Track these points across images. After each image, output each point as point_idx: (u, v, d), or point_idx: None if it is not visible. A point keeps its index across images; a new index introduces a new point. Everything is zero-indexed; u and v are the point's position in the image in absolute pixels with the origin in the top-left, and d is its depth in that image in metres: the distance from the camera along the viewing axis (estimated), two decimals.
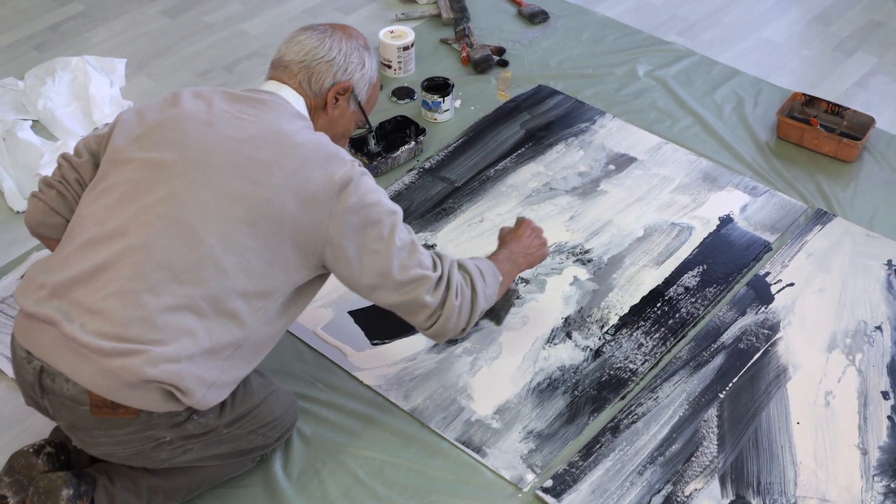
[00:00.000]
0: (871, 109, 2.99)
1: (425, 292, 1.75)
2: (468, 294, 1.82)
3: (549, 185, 2.69)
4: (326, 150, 1.72)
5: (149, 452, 1.70)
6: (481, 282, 1.86)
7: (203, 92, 1.79)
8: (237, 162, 1.66)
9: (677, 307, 2.35)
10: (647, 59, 3.19)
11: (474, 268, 1.86)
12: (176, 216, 1.62)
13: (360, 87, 1.88)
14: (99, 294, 1.59)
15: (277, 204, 1.64)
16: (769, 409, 2.12)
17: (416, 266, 1.74)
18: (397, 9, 3.46)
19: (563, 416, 2.11)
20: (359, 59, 1.86)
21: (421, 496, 1.96)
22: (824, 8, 3.52)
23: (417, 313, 1.79)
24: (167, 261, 1.60)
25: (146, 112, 1.77)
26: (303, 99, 1.82)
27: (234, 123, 1.71)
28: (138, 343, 1.57)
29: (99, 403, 1.61)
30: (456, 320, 1.81)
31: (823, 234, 2.54)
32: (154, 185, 1.65)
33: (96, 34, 3.31)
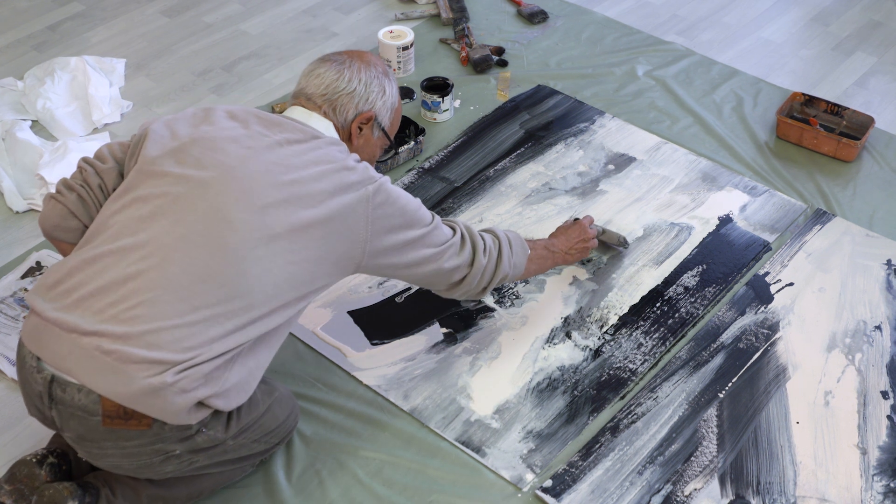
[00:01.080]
0: (871, 109, 2.99)
1: (451, 257, 1.88)
2: (495, 256, 1.96)
3: (549, 185, 2.69)
4: (357, 173, 1.75)
5: (157, 466, 1.69)
6: (508, 249, 1.99)
7: (237, 113, 1.80)
8: (277, 186, 1.67)
9: (677, 307, 2.35)
10: (646, 59, 3.19)
11: (504, 235, 2.01)
12: (215, 234, 1.63)
13: (382, 115, 1.91)
14: (129, 303, 1.59)
15: (317, 223, 1.68)
16: (769, 408, 2.12)
17: (440, 243, 1.87)
18: (397, 9, 3.46)
19: (563, 416, 2.11)
20: (379, 87, 1.88)
21: (420, 496, 1.96)
22: (824, 8, 3.52)
23: (445, 278, 1.92)
24: (204, 276, 1.60)
25: (177, 126, 1.77)
26: (332, 125, 1.84)
27: (274, 148, 1.72)
28: (165, 351, 1.57)
29: (111, 414, 1.59)
30: (480, 278, 1.95)
31: (823, 233, 2.54)
32: (193, 202, 1.65)
33: (95, 34, 3.31)
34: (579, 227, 2.28)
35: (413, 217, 1.83)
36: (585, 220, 2.32)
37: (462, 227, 1.94)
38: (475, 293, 1.99)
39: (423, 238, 1.84)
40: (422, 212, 1.86)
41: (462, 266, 1.91)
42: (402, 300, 2.35)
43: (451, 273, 1.91)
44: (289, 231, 1.67)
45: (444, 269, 1.89)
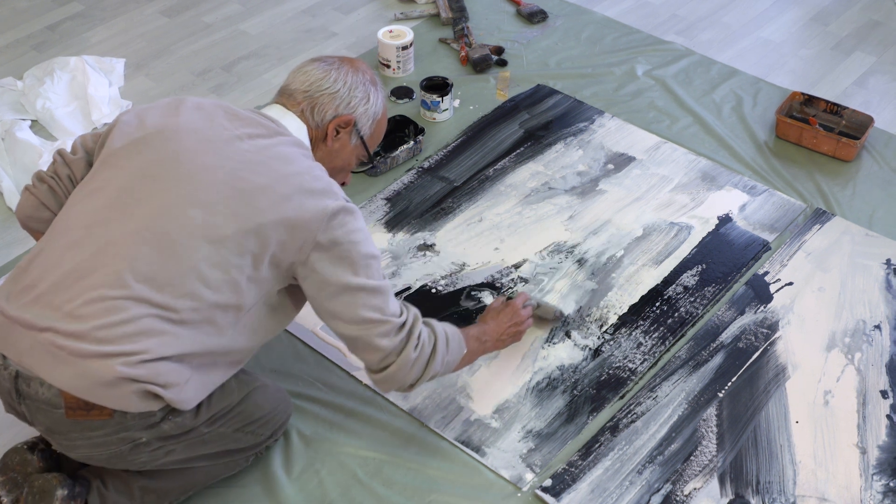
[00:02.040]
0: (870, 109, 2.99)
1: (380, 335, 1.72)
2: (427, 352, 1.79)
3: (548, 185, 2.69)
4: (322, 182, 1.71)
5: (126, 454, 1.71)
6: (444, 346, 1.83)
7: (206, 105, 1.78)
8: (230, 182, 1.65)
9: (676, 306, 2.35)
10: (646, 59, 3.19)
11: (442, 332, 1.84)
12: (163, 229, 1.62)
13: (362, 122, 1.86)
14: (80, 299, 1.60)
15: (266, 227, 1.64)
16: (768, 408, 2.12)
17: (379, 310, 1.72)
18: (396, 8, 3.46)
19: (563, 416, 2.11)
20: (363, 93, 1.85)
21: (420, 496, 1.96)
22: (823, 7, 3.52)
23: (370, 353, 1.75)
24: (150, 272, 1.60)
25: (147, 116, 1.76)
26: (305, 127, 1.81)
27: (233, 143, 1.70)
28: (116, 345, 1.58)
29: (73, 405, 1.62)
30: (407, 372, 1.77)
31: (822, 233, 2.54)
32: (145, 196, 1.64)
33: (95, 34, 3.31)
34: (511, 310, 2.11)
35: (362, 263, 1.71)
36: (518, 300, 2.14)
37: (410, 315, 1.78)
38: (403, 386, 1.80)
39: (360, 291, 1.71)
40: (374, 266, 1.74)
41: (390, 352, 1.74)
42: (402, 299, 2.35)
43: (377, 352, 1.74)
44: (236, 232, 1.63)
45: (372, 344, 1.73)
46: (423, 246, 2.50)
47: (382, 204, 2.63)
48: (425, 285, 2.39)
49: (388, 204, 2.63)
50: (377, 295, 1.72)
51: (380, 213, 2.60)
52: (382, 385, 1.80)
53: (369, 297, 1.71)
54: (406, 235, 2.53)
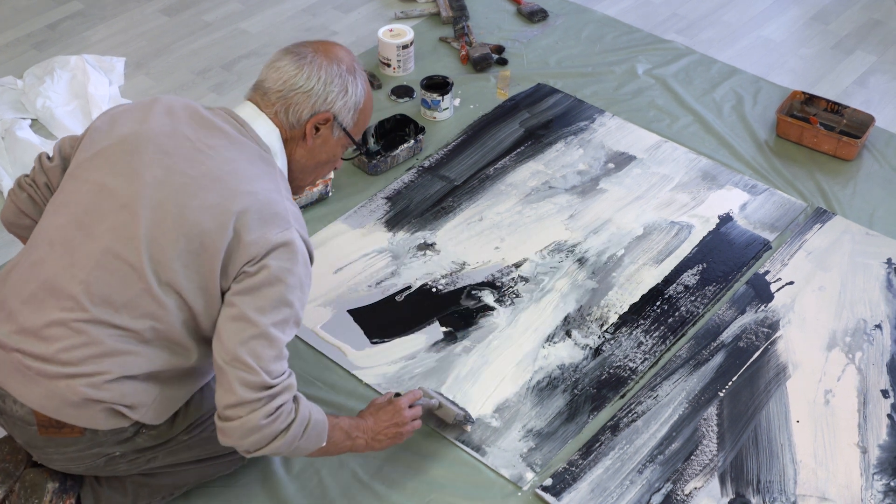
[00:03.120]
0: (871, 108, 2.99)
1: (242, 382, 1.57)
2: (277, 428, 1.61)
3: (549, 184, 2.69)
4: (274, 208, 1.62)
5: (104, 467, 1.72)
6: (299, 430, 1.65)
7: (176, 109, 1.71)
8: (180, 200, 1.60)
9: (677, 306, 2.34)
10: (646, 58, 3.19)
11: (305, 416, 1.66)
12: (116, 252, 1.59)
13: (343, 115, 1.77)
14: (42, 320, 1.60)
15: (212, 247, 1.59)
16: (769, 407, 2.12)
17: (257, 358, 1.58)
18: (396, 7, 3.46)
19: (563, 415, 2.10)
20: (340, 86, 1.74)
21: (420, 495, 1.96)
22: (823, 6, 3.52)
23: (225, 393, 1.59)
24: (106, 295, 1.59)
25: (118, 121, 1.71)
26: (277, 131, 1.73)
27: (192, 156, 1.64)
28: (80, 366, 1.58)
29: (45, 423, 1.63)
30: (245, 436, 1.59)
31: (823, 232, 2.54)
32: (102, 216, 1.61)
33: (95, 33, 3.31)
34: (393, 408, 1.90)
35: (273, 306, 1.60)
36: (404, 400, 1.92)
37: (283, 384, 1.61)
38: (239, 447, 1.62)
39: (253, 328, 1.58)
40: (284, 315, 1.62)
41: (239, 405, 1.57)
42: (402, 299, 2.35)
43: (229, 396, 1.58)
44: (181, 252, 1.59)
45: (230, 386, 1.58)
46: (423, 245, 2.50)
47: (383, 203, 2.62)
48: (425, 284, 2.39)
49: (389, 203, 2.62)
50: (267, 343, 1.59)
51: (380, 212, 2.60)
52: (221, 435, 1.62)
53: (257, 341, 1.58)
54: (406, 234, 2.53)
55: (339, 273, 2.42)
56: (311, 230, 2.53)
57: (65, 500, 1.76)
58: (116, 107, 1.77)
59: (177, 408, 1.72)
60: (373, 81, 3.05)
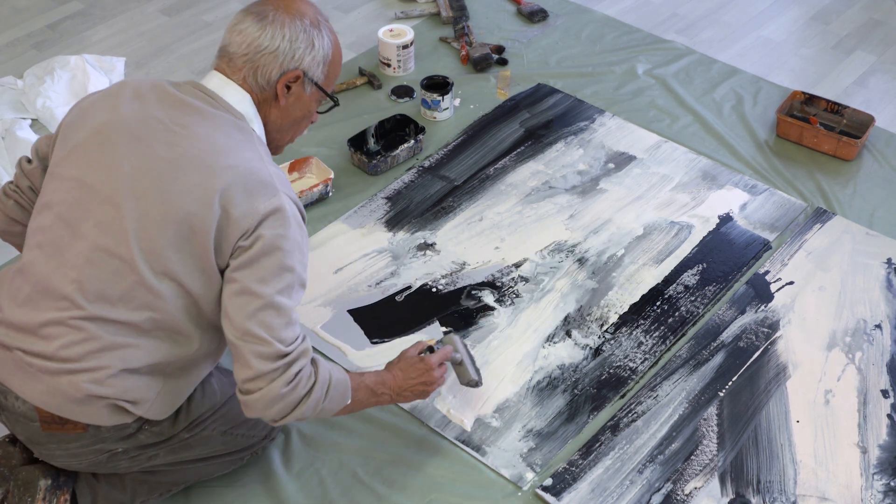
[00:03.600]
0: (871, 108, 2.99)
1: (257, 355, 1.58)
2: (300, 394, 1.62)
3: (549, 184, 2.69)
4: (258, 177, 1.61)
5: (105, 463, 1.72)
6: (321, 393, 1.66)
7: (144, 91, 1.68)
8: (162, 187, 1.59)
9: (677, 306, 2.35)
10: (646, 58, 3.19)
11: (326, 377, 1.67)
12: (105, 245, 1.58)
13: (312, 70, 1.72)
14: (39, 320, 1.60)
15: (202, 228, 1.57)
16: (769, 407, 2.12)
17: (268, 328, 1.58)
18: (396, 7, 3.46)
19: (563, 415, 2.10)
20: (306, 41, 1.69)
21: (420, 495, 1.96)
22: (823, 6, 3.52)
23: (241, 368, 1.60)
24: (100, 291, 1.59)
25: (88, 112, 1.69)
26: (249, 96, 1.70)
27: (165, 138, 1.61)
28: (82, 362, 1.58)
29: (48, 419, 1.63)
30: (269, 406, 1.61)
31: (823, 232, 2.54)
32: (85, 212, 1.61)
33: (95, 33, 3.31)
34: (424, 366, 1.90)
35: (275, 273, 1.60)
36: (436, 358, 1.93)
37: (299, 349, 1.62)
38: (264, 417, 1.64)
39: (258, 300, 1.58)
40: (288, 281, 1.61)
41: (259, 377, 1.58)
42: (402, 299, 2.35)
43: (247, 370, 1.59)
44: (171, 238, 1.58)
45: (246, 361, 1.58)
46: (423, 245, 2.50)
47: (383, 203, 2.62)
48: (426, 284, 2.39)
49: (389, 203, 2.62)
50: (275, 313, 1.59)
51: (380, 212, 2.60)
52: (245, 408, 1.63)
53: (264, 312, 1.58)
54: (406, 234, 2.53)
55: (339, 273, 2.42)
56: (311, 230, 2.53)
57: (59, 496, 1.76)
58: (85, 98, 1.74)
59: (180, 403, 1.72)
60: (373, 81, 3.05)
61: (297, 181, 2.67)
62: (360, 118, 2.92)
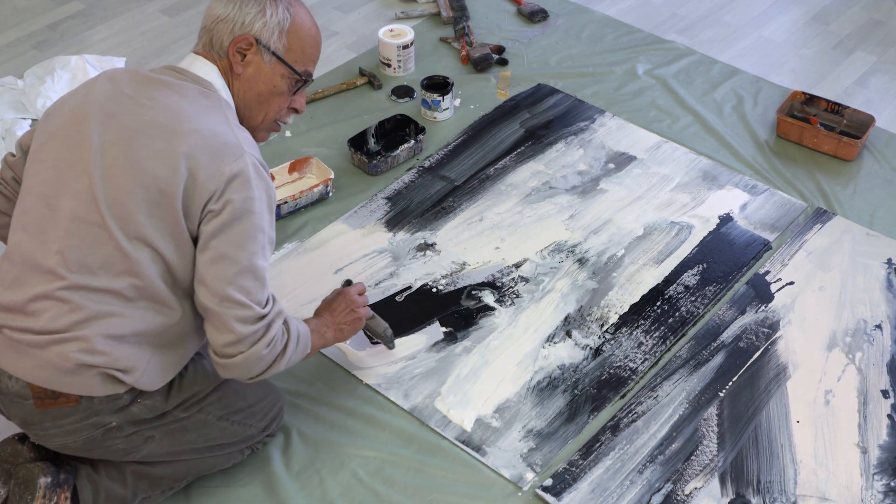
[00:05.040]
0: (871, 108, 2.99)
1: (239, 319, 1.63)
2: (277, 351, 1.70)
3: (549, 184, 2.69)
4: (222, 139, 1.64)
5: (100, 440, 1.72)
6: (294, 348, 1.74)
7: (118, 75, 1.74)
8: (130, 153, 1.63)
9: (677, 306, 2.35)
10: (646, 58, 3.19)
11: (295, 333, 1.75)
12: (82, 215, 1.62)
13: (266, 37, 1.73)
14: (25, 296, 1.62)
15: (170, 192, 1.60)
16: (769, 407, 2.12)
17: (246, 292, 1.63)
18: (397, 8, 3.46)
19: (563, 415, 2.10)
20: (257, 8, 1.72)
21: (421, 495, 1.96)
22: (824, 7, 3.52)
23: (221, 334, 1.64)
24: (81, 259, 1.61)
25: (65, 101, 1.74)
26: (215, 67, 1.74)
27: (134, 110, 1.66)
28: (69, 332, 1.61)
29: (41, 395, 1.65)
30: (252, 367, 1.67)
31: (823, 232, 2.54)
32: (63, 187, 1.64)
33: (96, 33, 3.31)
34: (343, 297, 2.01)
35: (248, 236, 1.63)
36: (355, 288, 2.05)
37: (274, 310, 1.69)
38: (243, 378, 1.71)
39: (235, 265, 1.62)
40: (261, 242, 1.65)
41: (241, 341, 1.63)
42: (403, 299, 2.35)
43: (228, 334, 1.63)
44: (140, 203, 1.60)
45: (228, 326, 1.63)
46: (423, 245, 2.50)
47: (383, 203, 2.63)
48: (426, 284, 2.39)
49: (389, 203, 2.63)
50: (251, 276, 1.64)
51: (380, 212, 2.60)
52: (223, 371, 1.69)
53: (242, 276, 1.63)
54: (407, 235, 2.53)
55: (339, 273, 2.42)
56: (312, 230, 2.53)
57: (59, 493, 1.76)
58: (64, 94, 1.79)
59: (171, 375, 1.73)
60: (373, 82, 3.05)
61: (298, 181, 2.67)
62: (360, 118, 2.92)
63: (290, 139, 2.85)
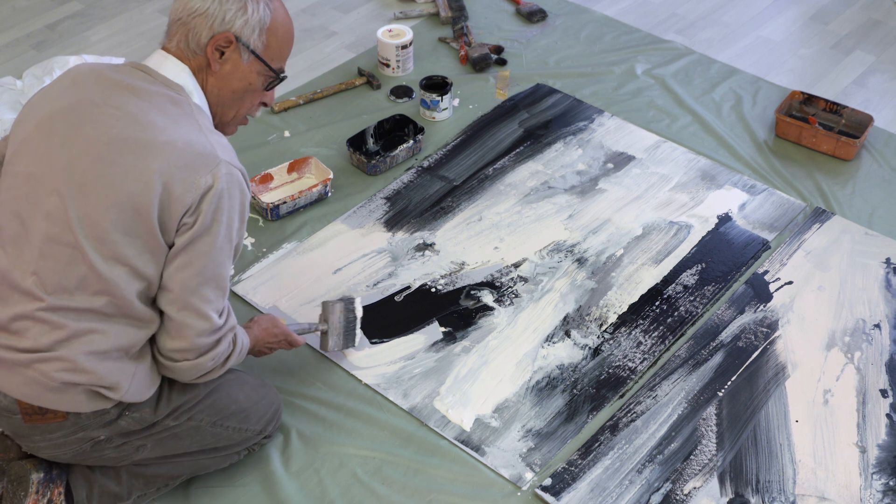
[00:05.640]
0: (870, 108, 2.99)
1: (195, 331, 1.65)
2: (221, 361, 1.73)
3: (548, 184, 2.69)
4: (195, 149, 1.61)
5: (90, 452, 1.73)
6: (234, 360, 1.77)
7: (80, 77, 1.69)
8: (100, 171, 1.58)
9: (676, 305, 2.35)
10: (645, 58, 3.19)
11: (240, 344, 1.77)
12: (55, 236, 1.59)
13: (246, 35, 1.68)
14: (8, 314, 1.61)
15: (145, 209, 1.58)
16: (768, 407, 2.12)
17: (209, 302, 1.65)
18: (396, 8, 3.46)
19: (562, 415, 2.11)
20: (239, 4, 1.67)
21: (420, 495, 1.96)
22: (822, 6, 3.52)
23: (174, 339, 1.66)
24: (56, 281, 1.60)
25: (35, 106, 1.70)
26: (185, 67, 1.69)
27: (100, 121, 1.61)
28: (52, 351, 1.60)
29: (28, 411, 1.65)
30: (192, 375, 1.71)
31: (822, 232, 2.54)
32: (34, 206, 1.62)
33: (95, 33, 3.31)
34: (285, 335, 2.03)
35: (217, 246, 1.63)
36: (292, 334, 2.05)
37: (227, 326, 1.71)
38: (181, 379, 1.74)
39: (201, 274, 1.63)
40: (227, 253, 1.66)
41: (191, 350, 1.66)
42: (402, 299, 2.35)
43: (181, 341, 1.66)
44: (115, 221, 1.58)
45: (182, 334, 1.65)
46: (422, 245, 2.50)
47: (382, 203, 2.63)
48: (425, 284, 2.39)
49: (388, 203, 2.63)
50: (214, 286, 1.65)
51: (379, 212, 2.60)
52: (163, 370, 1.71)
53: (205, 286, 1.63)
54: (405, 235, 2.53)
55: (338, 273, 2.42)
56: (310, 230, 2.53)
57: (52, 489, 1.76)
58: (35, 93, 1.75)
59: (154, 386, 1.72)
60: (372, 82, 3.05)
61: (297, 181, 2.67)
62: (359, 118, 2.92)
63: (289, 139, 2.85)
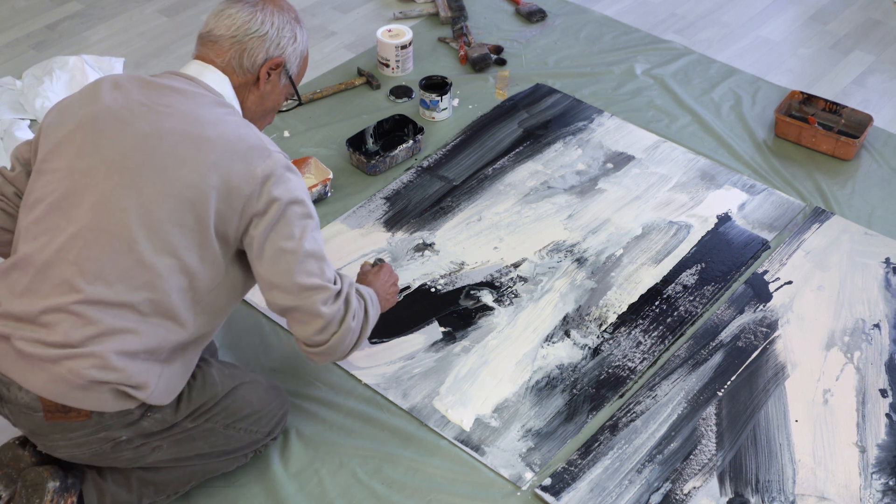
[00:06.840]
0: (869, 107, 2.99)
1: (322, 303, 1.69)
2: (361, 318, 1.78)
3: (547, 184, 2.69)
4: (248, 142, 1.67)
5: (109, 453, 1.72)
6: (373, 308, 1.83)
7: (122, 81, 1.73)
8: (155, 162, 1.62)
9: (676, 305, 2.35)
10: (644, 58, 3.19)
11: (369, 296, 1.83)
12: (103, 226, 1.61)
13: (291, 62, 1.83)
14: (38, 307, 1.61)
15: (200, 200, 1.62)
16: (767, 407, 2.12)
17: (318, 275, 1.70)
18: (395, 8, 3.46)
19: (562, 415, 2.11)
20: (291, 32, 1.81)
21: (420, 495, 1.96)
22: (822, 6, 3.52)
23: (309, 324, 1.71)
24: (99, 271, 1.60)
25: (67, 110, 1.72)
26: (227, 79, 1.77)
27: (151, 118, 1.66)
28: (83, 348, 1.59)
29: (51, 408, 1.64)
30: (348, 341, 1.75)
31: (821, 232, 2.54)
32: (79, 196, 1.63)
33: (94, 33, 3.31)
34: (387, 271, 2.08)
35: (298, 225, 1.68)
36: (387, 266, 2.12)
37: (346, 283, 1.76)
38: (340, 357, 1.79)
39: (297, 255, 1.67)
40: (311, 227, 1.71)
41: (331, 322, 1.71)
42: (401, 299, 2.35)
43: (317, 321, 1.70)
44: (170, 212, 1.61)
45: (314, 312, 1.69)
46: (422, 245, 2.50)
47: (381, 203, 2.63)
48: (424, 284, 2.39)
49: (388, 203, 2.63)
50: (315, 260, 1.69)
51: (379, 212, 2.60)
52: (321, 357, 1.75)
53: (307, 262, 1.68)
54: (405, 234, 2.53)
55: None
56: None
57: (66, 498, 1.76)
58: (61, 101, 1.78)
59: (180, 388, 1.73)
60: (371, 82, 3.05)
61: None
62: (358, 118, 2.92)
63: (289, 139, 2.85)
